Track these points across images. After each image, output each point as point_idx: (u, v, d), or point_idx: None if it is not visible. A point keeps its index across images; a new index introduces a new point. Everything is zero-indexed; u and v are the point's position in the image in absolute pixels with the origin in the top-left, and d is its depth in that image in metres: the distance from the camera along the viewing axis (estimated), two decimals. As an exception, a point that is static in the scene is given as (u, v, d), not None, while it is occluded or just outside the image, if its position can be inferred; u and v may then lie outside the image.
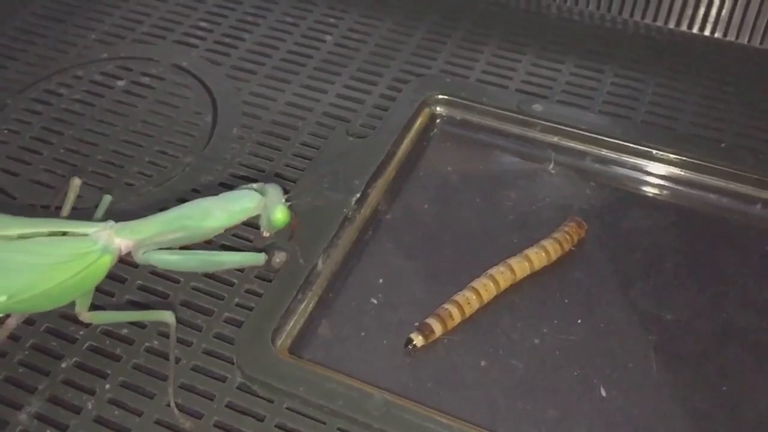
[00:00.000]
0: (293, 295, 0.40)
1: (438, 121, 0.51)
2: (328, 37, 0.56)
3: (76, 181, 0.40)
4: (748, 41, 0.55)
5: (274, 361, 0.38)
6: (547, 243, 0.42)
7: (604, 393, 0.38)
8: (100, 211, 0.40)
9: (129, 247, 0.36)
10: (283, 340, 0.39)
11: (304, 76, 0.53)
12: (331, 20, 0.58)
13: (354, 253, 0.43)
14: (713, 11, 0.55)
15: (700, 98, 0.51)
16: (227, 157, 0.48)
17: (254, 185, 0.38)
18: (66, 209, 0.39)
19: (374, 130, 0.49)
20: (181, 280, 0.42)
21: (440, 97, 0.51)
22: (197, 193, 0.46)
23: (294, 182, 0.46)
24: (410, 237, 0.45)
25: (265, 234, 0.38)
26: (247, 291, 0.41)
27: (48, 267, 0.35)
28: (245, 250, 0.42)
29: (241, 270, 0.42)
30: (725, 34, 0.56)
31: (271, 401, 0.37)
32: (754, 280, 0.42)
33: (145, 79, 0.54)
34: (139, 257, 0.37)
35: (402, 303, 0.41)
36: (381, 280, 0.42)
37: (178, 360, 0.38)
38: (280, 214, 0.37)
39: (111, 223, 0.36)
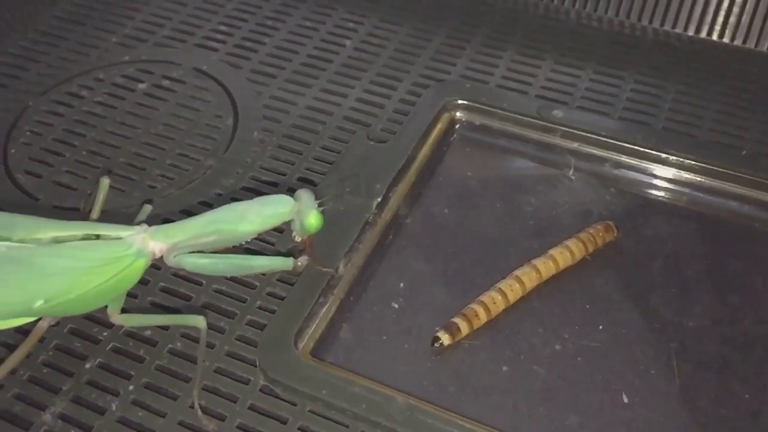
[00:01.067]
0: (315, 298, 0.40)
1: (458, 126, 0.51)
2: (348, 42, 0.56)
3: (105, 181, 0.41)
4: (768, 49, 0.55)
5: (296, 363, 0.38)
6: (571, 243, 0.42)
7: (626, 399, 0.38)
8: (139, 220, 0.40)
9: (162, 251, 0.36)
10: (305, 343, 0.39)
11: (325, 80, 0.54)
12: (351, 24, 0.58)
13: (375, 257, 0.44)
14: (733, 18, 0.55)
15: (720, 105, 0.51)
16: (248, 160, 0.48)
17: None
18: (96, 210, 0.39)
19: (394, 135, 0.49)
20: (204, 282, 0.42)
21: (460, 102, 0.51)
22: (219, 196, 0.46)
23: (315, 186, 0.46)
24: (430, 241, 0.45)
25: (297, 239, 0.38)
26: (270, 294, 0.41)
27: (83, 271, 0.35)
28: (268, 254, 0.42)
29: (263, 273, 0.42)
30: (745, 41, 0.56)
31: (293, 404, 0.37)
32: (776, 288, 0.42)
33: (166, 83, 0.54)
34: (171, 260, 0.37)
35: (423, 307, 0.42)
36: (402, 284, 0.43)
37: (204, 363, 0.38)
38: (313, 219, 0.37)
39: (145, 226, 0.36)
